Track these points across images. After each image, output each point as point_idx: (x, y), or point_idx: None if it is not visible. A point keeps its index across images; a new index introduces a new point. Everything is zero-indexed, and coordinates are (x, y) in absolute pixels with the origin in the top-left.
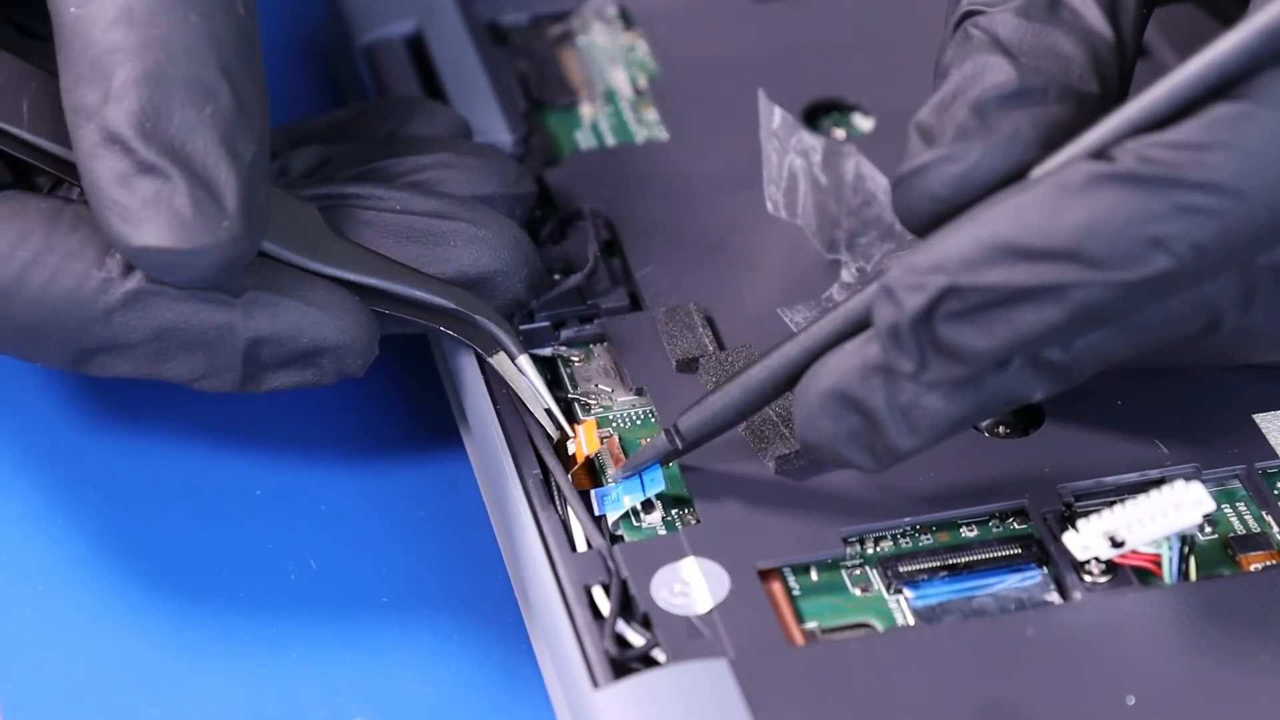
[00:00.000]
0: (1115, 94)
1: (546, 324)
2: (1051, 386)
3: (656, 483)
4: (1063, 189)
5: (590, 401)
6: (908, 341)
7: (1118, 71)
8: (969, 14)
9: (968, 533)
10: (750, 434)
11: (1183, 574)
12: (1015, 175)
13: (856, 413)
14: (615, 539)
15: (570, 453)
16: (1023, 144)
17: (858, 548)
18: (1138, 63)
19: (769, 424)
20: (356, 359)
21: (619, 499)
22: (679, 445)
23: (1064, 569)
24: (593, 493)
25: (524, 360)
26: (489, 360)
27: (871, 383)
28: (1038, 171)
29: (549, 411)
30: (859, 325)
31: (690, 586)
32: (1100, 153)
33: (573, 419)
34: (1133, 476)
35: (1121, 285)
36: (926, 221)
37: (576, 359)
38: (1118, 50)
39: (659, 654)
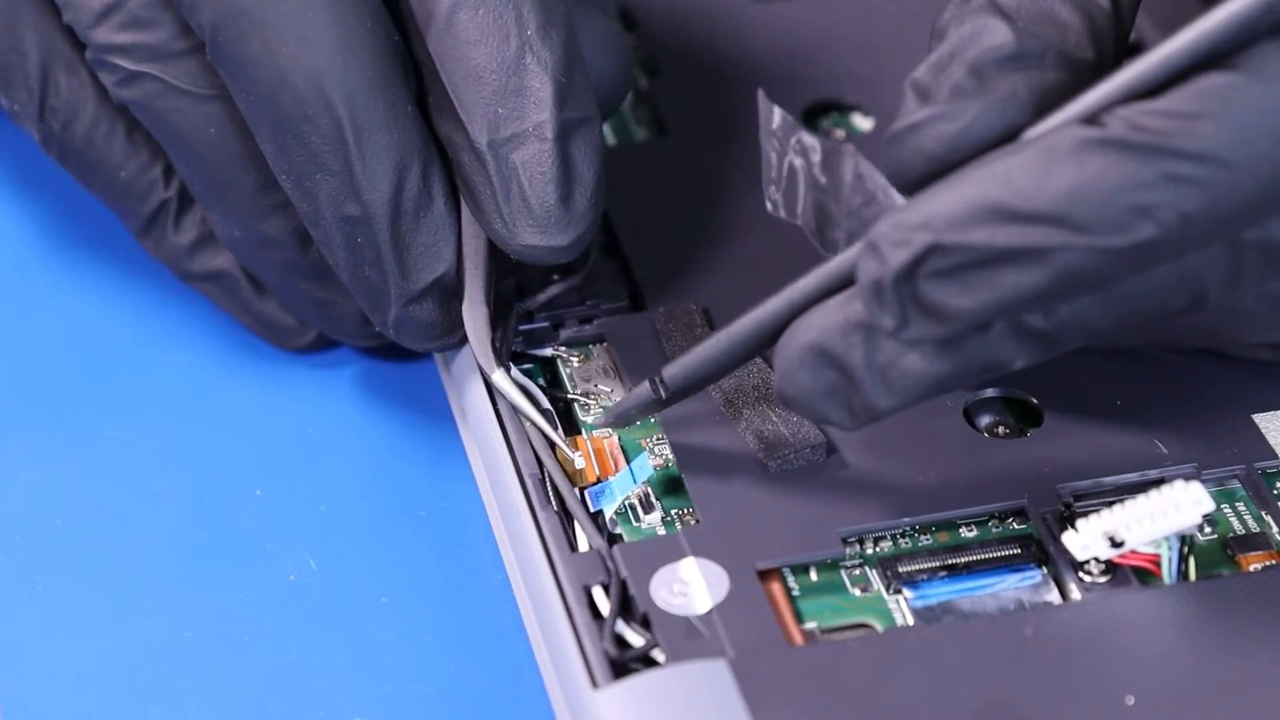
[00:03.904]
0: (1110, 62)
1: (546, 324)
2: (1033, 355)
3: (644, 470)
4: (1052, 152)
5: (589, 402)
6: (890, 298)
7: (1113, 40)
8: None
9: (967, 533)
10: (730, 410)
11: (1182, 574)
12: (1008, 137)
13: (835, 369)
14: (614, 539)
15: (579, 468)
16: (1018, 106)
17: (857, 548)
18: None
19: (748, 402)
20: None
21: (611, 492)
22: (662, 395)
23: (1063, 569)
24: (586, 491)
25: (499, 377)
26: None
27: (852, 339)
28: (1030, 134)
29: (545, 413)
30: (844, 282)
31: (690, 587)
32: (1092, 119)
33: (572, 421)
34: (1132, 476)
35: (1106, 251)
36: (918, 179)
37: (576, 359)
38: (1114, 19)
39: (658, 654)
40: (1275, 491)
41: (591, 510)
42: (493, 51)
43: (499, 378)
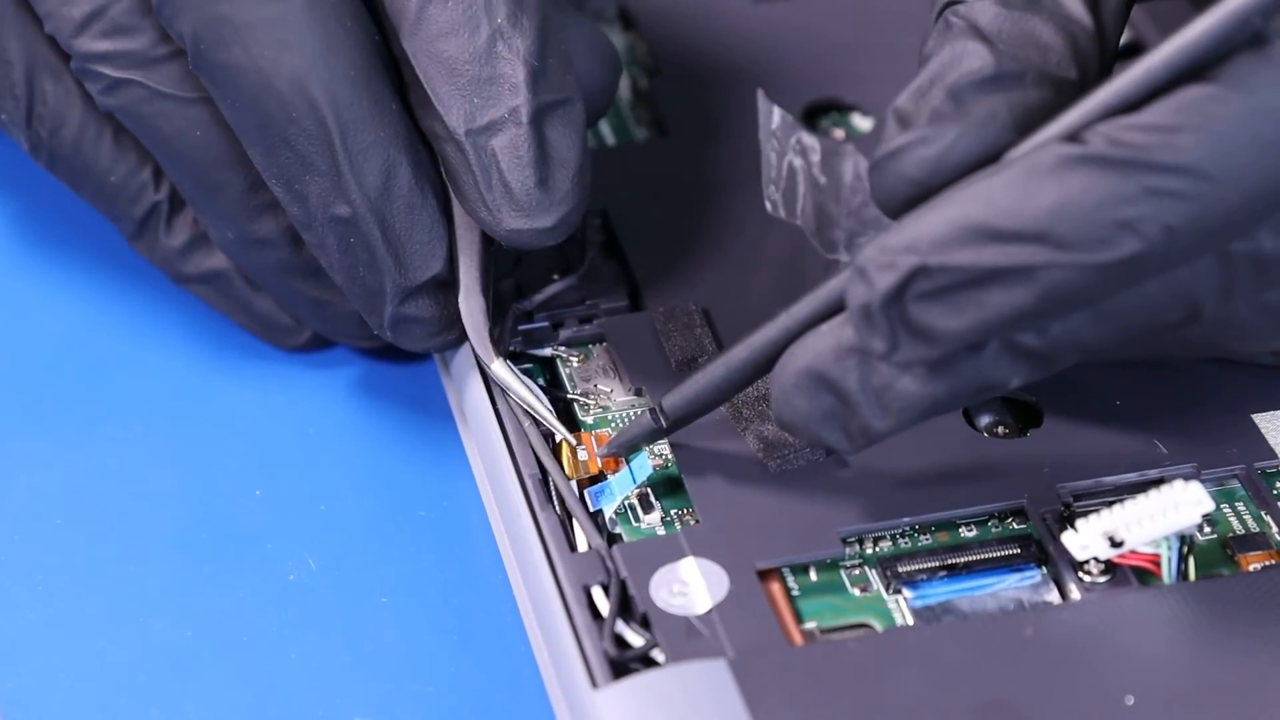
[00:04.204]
0: (1094, 81)
1: (546, 324)
2: (1028, 374)
3: (644, 469)
4: (1033, 171)
5: (589, 402)
6: (879, 321)
7: (1097, 60)
8: (951, 2)
9: (967, 533)
10: (730, 410)
11: (1182, 574)
12: (990, 158)
13: (831, 393)
14: (614, 539)
15: (582, 459)
16: (998, 127)
17: (857, 548)
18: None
19: (748, 402)
20: None
21: (611, 492)
22: (663, 425)
23: (1063, 569)
24: (586, 491)
25: (498, 366)
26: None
27: (846, 364)
28: (1012, 154)
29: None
30: (837, 306)
31: (689, 587)
32: (1073, 136)
33: (572, 420)
34: (1132, 476)
35: (1091, 267)
36: (902, 204)
37: (576, 359)
38: (1097, 39)
39: (658, 654)
40: (1275, 491)
41: (591, 510)
42: (464, 43)
43: (498, 367)
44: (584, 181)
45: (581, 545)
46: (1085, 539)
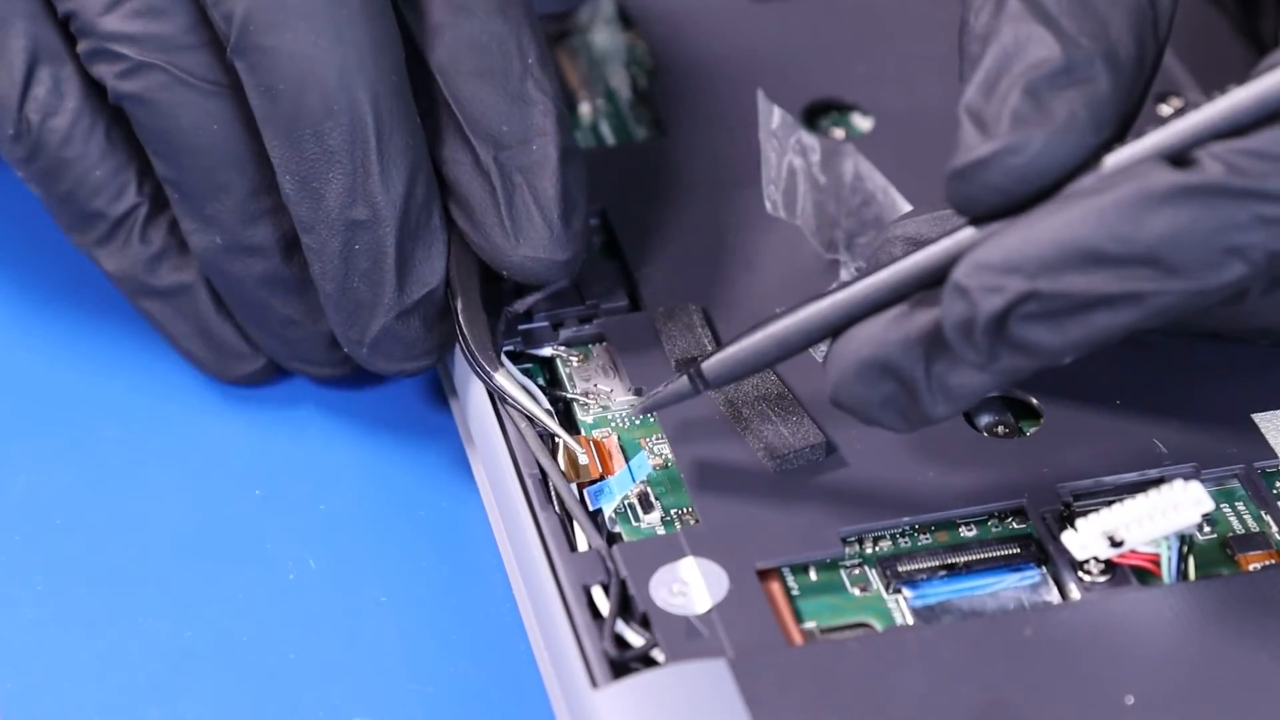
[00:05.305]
0: (1151, 55)
1: (545, 324)
2: (1080, 355)
3: (643, 469)
4: (1147, 195)
5: (589, 401)
6: (980, 340)
7: (1153, 30)
8: None
9: (966, 532)
10: (730, 411)
11: (1181, 574)
12: (1077, 164)
13: (894, 380)
14: (614, 539)
15: (583, 464)
16: (1079, 130)
17: (856, 547)
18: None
19: (748, 403)
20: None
21: (610, 491)
22: (700, 390)
23: (1063, 568)
24: (586, 490)
25: (501, 377)
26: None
27: (914, 354)
28: (1110, 163)
29: (547, 412)
30: (903, 291)
31: (689, 586)
32: (1181, 154)
33: (572, 420)
34: (1131, 476)
35: (1196, 292)
36: (987, 212)
37: (575, 359)
38: (1151, 6)
39: (658, 654)
40: (1275, 491)
41: (590, 509)
42: (498, 74)
43: (501, 378)
44: (587, 231)
45: (581, 545)
46: (1085, 539)
